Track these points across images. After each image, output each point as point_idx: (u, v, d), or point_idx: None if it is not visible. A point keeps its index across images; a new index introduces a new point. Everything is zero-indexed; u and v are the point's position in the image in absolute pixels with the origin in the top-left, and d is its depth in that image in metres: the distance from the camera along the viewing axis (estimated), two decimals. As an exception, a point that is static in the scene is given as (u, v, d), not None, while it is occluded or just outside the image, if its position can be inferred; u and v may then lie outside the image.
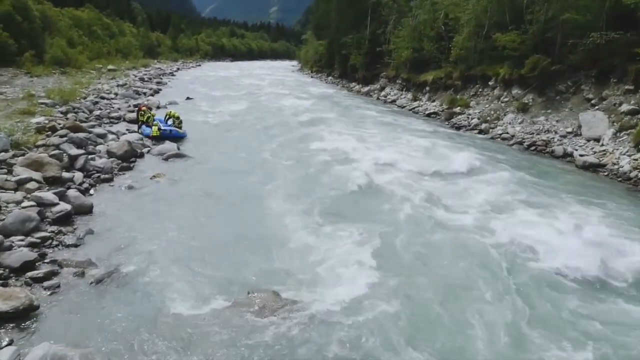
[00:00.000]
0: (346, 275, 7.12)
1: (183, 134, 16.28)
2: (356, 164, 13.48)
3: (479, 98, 24.09)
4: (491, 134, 19.97)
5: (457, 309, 6.35)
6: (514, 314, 6.22)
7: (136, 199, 9.97)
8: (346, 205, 10.24)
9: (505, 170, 13.68)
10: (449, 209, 10.13)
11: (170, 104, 25.66)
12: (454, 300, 6.61)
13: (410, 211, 9.87)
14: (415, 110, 27.46)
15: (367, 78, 38.97)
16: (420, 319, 6.12)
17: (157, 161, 13.16)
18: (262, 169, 12.98)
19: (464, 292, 6.82)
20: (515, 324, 6.02)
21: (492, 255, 7.81)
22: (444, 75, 27.40)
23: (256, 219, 9.26)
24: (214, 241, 8.18)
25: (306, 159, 14.32)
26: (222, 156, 14.36)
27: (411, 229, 8.95)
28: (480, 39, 24.93)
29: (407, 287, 6.90)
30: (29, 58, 31.92)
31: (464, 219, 9.44)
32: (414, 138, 18.23)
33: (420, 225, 9.15)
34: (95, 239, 7.94)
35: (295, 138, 17.50)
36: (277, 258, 7.66)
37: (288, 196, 10.52)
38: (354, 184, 11.49)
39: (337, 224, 9.03)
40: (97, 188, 10.38)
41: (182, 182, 11.32)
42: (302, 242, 8.19)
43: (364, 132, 19.32)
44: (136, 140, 14.35)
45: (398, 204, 10.39)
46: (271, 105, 27.91)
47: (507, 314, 6.21)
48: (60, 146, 11.23)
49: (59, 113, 16.02)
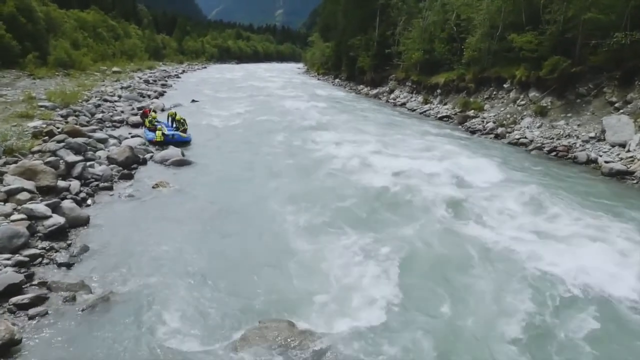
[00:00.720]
0: (367, 300, 6.37)
1: (187, 138, 15.59)
2: (371, 171, 12.71)
3: (494, 101, 23.27)
4: (508, 138, 19.12)
5: (492, 342, 5.57)
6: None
7: (136, 211, 9.26)
8: (363, 217, 9.48)
9: (527, 178, 12.89)
10: (473, 222, 9.33)
11: (175, 106, 25.03)
12: (485, 331, 5.84)
13: (431, 224, 9.11)
14: (426, 114, 26.67)
15: (376, 80, 38.19)
16: (451, 355, 5.37)
17: (159, 168, 12.46)
18: (271, 177, 12.24)
19: (502, 324, 6.03)
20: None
21: (530, 280, 7.00)
22: (456, 78, 26.59)
23: (266, 234, 8.52)
24: (219, 260, 7.44)
25: (318, 166, 13.57)
26: (228, 162, 13.64)
27: (434, 245, 8.18)
28: (494, 40, 24.13)
29: (434, 315, 6.14)
30: (33, 60, 31.47)
31: (493, 236, 8.62)
32: (428, 143, 17.46)
33: (444, 241, 8.37)
34: (89, 256, 7.23)
35: (304, 143, 16.76)
36: (290, 280, 6.91)
37: (300, 208, 9.77)
38: (370, 194, 10.73)
39: (354, 238, 8.27)
40: (95, 198, 9.68)
41: (185, 192, 10.60)
42: (318, 261, 7.44)
43: (375, 136, 18.54)
44: (138, 146, 13.68)
45: (419, 216, 9.63)
46: (278, 108, 27.20)
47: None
48: (57, 152, 10.55)
49: (58, 116, 15.39)
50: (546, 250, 7.88)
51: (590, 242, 8.42)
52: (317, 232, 8.59)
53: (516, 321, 5.98)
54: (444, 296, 6.55)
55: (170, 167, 12.52)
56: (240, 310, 6.07)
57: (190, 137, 15.73)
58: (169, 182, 11.04)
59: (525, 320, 6.00)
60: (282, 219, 9.20)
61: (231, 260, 7.50)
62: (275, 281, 6.85)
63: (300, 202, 10.10)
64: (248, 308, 6.13)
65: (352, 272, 7.06)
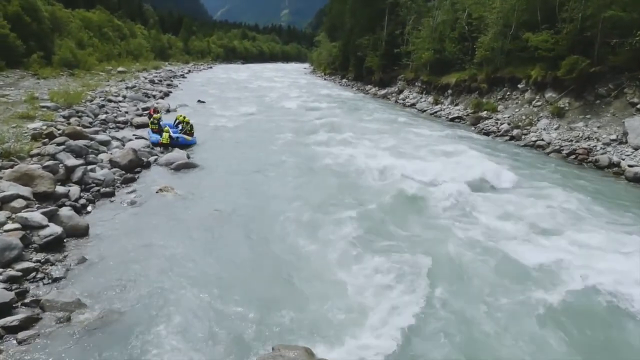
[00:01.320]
0: (389, 320, 5.81)
1: (192, 141, 15.04)
2: (388, 176, 12.12)
3: (508, 102, 22.61)
4: (524, 140, 18.47)
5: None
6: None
7: (139, 218, 8.72)
8: (382, 227, 8.88)
9: (548, 183, 12.26)
10: (498, 233, 8.71)
11: (181, 106, 24.57)
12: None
13: (453, 233, 8.51)
14: (437, 115, 26.02)
15: (384, 80, 37.55)
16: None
17: (164, 171, 11.92)
18: (281, 182, 11.68)
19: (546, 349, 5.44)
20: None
21: (568, 295, 6.40)
22: (468, 78, 25.93)
23: (278, 246, 7.95)
24: (227, 274, 6.88)
25: (330, 170, 12.99)
26: (235, 166, 13.08)
27: (461, 261, 7.54)
28: (508, 39, 23.45)
29: (460, 336, 5.56)
30: (37, 59, 31.08)
31: (522, 248, 7.99)
32: (442, 145, 16.83)
33: (471, 254, 7.74)
34: (87, 269, 6.69)
35: (314, 145, 16.18)
36: (305, 297, 6.34)
37: (313, 216, 9.19)
38: (388, 200, 10.12)
39: (373, 250, 7.69)
40: (96, 204, 9.15)
41: (191, 197, 10.05)
42: (334, 276, 6.87)
43: (387, 138, 17.95)
44: (142, 148, 13.16)
45: (438, 224, 9.05)
46: (285, 109, 26.66)
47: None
48: (57, 156, 10.03)
49: (60, 117, 14.90)
50: (583, 263, 7.26)
51: (622, 253, 7.82)
52: (333, 242, 8.01)
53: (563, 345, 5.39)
54: (475, 322, 5.95)
55: (175, 171, 11.98)
56: (251, 333, 5.52)
57: (195, 140, 15.20)
58: (174, 186, 10.50)
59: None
60: (295, 228, 8.63)
61: (240, 274, 6.94)
62: (289, 298, 6.29)
63: (313, 210, 9.53)
64: (260, 330, 5.57)
65: (373, 290, 6.49)
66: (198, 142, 15.38)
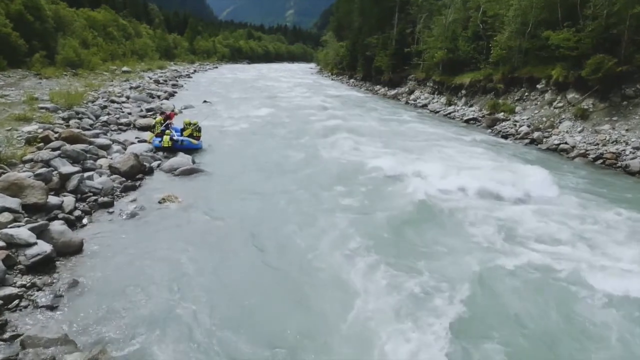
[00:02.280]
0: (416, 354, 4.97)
1: (198, 145, 14.22)
2: (407, 183, 11.23)
3: (526, 103, 21.67)
4: (546, 144, 17.53)
5: None
6: None
7: (139, 232, 7.91)
8: (404, 242, 8.03)
9: (580, 192, 11.39)
10: (530, 247, 7.82)
11: (186, 107, 23.82)
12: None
13: (482, 247, 7.68)
14: (451, 116, 25.10)
15: (394, 80, 36.62)
16: None
17: (167, 178, 11.10)
18: (293, 190, 10.83)
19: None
20: None
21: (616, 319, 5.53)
22: (483, 78, 25.00)
23: (291, 264, 7.11)
24: (236, 300, 6.05)
25: (343, 175, 12.14)
26: (244, 172, 12.24)
27: (489, 273, 6.71)
28: (526, 37, 22.51)
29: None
30: (40, 59, 30.46)
31: (556, 264, 7.12)
32: (459, 148, 15.99)
33: (509, 277, 6.87)
34: (79, 296, 5.89)
35: (327, 149, 15.33)
36: (323, 328, 5.49)
37: (329, 228, 8.35)
38: (410, 212, 9.26)
39: (396, 268, 6.83)
40: (93, 216, 8.35)
41: (196, 208, 9.23)
42: (354, 300, 6.02)
43: (401, 141, 17.10)
44: (145, 152, 12.37)
45: (466, 236, 8.20)
46: (293, 110, 25.83)
47: None
48: (51, 162, 9.24)
49: (59, 119, 14.16)
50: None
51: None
52: (353, 259, 7.17)
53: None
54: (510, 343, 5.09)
55: (179, 177, 11.16)
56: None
57: (201, 144, 14.38)
58: (178, 195, 9.68)
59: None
60: (308, 241, 7.79)
61: (250, 298, 6.10)
62: (304, 328, 5.45)
63: (329, 222, 8.69)
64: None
65: (394, 319, 5.63)
66: (204, 146, 14.57)
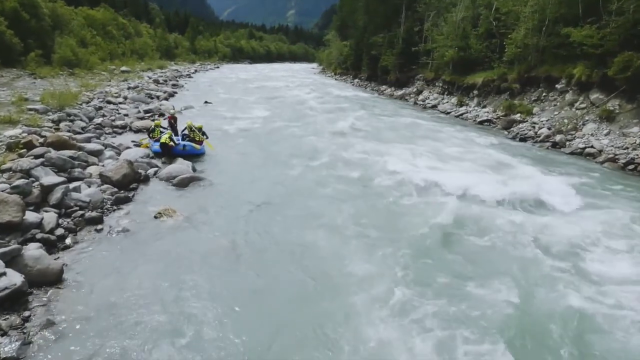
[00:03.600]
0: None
1: (200, 150, 13.14)
2: (427, 193, 10.17)
3: (544, 104, 20.55)
4: (570, 147, 16.41)
5: None
6: None
7: (130, 255, 6.82)
8: (429, 259, 6.96)
9: (614, 201, 10.32)
10: (572, 265, 6.78)
11: (186, 108, 22.78)
12: None
13: (522, 274, 6.62)
14: (463, 117, 23.98)
15: (401, 80, 35.48)
16: None
17: (165, 188, 10.00)
18: (304, 200, 9.75)
19: None
20: None
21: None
22: (497, 77, 23.87)
23: (309, 296, 6.03)
24: (243, 338, 4.97)
25: (356, 183, 11.07)
26: (249, 180, 11.16)
27: (535, 312, 5.63)
28: (543, 35, 21.41)
29: None
30: (35, 58, 29.42)
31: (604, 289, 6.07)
32: (479, 153, 14.93)
33: (546, 302, 5.81)
34: (53, 342, 4.82)
35: (336, 153, 14.26)
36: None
37: (348, 249, 7.27)
38: (433, 224, 8.20)
39: (420, 295, 5.79)
40: (78, 235, 7.27)
41: (196, 224, 8.14)
42: (372, 335, 4.95)
43: (415, 144, 16.03)
44: (140, 158, 11.31)
45: (501, 255, 7.22)
46: (298, 111, 24.76)
47: None
48: (32, 171, 8.17)
49: (48, 121, 13.09)
50: None
51: None
52: (371, 284, 6.10)
53: None
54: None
55: (177, 187, 10.05)
56: None
57: (203, 150, 13.30)
58: (176, 208, 8.61)
59: None
60: (325, 264, 6.72)
61: (260, 339, 5.02)
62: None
63: (346, 236, 7.62)
64: None
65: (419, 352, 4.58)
66: (207, 151, 13.48)
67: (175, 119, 15.49)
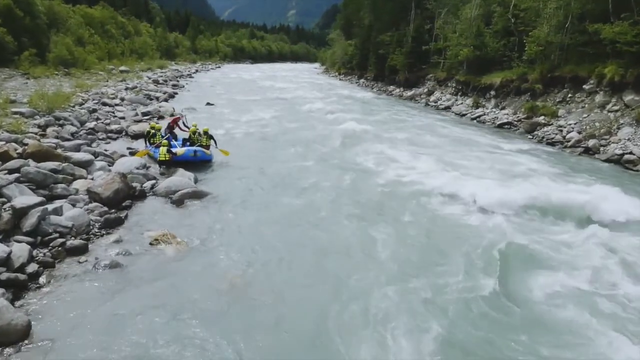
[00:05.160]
0: None
1: (210, 156, 11.83)
2: (461, 208, 8.87)
3: (570, 105, 19.18)
4: (605, 154, 15.03)
5: None
6: None
7: (119, 298, 5.49)
8: (475, 295, 5.63)
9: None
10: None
11: (187, 110, 21.40)
12: None
13: (585, 293, 5.29)
14: (481, 120, 22.61)
15: (410, 80, 34.06)
16: None
17: (163, 205, 8.65)
18: (323, 219, 8.42)
19: None
20: None
21: None
22: (517, 78, 22.49)
23: (326, 336, 4.69)
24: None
25: (379, 197, 9.75)
26: (259, 194, 9.79)
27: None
28: (568, 32, 20.05)
29: None
30: (29, 57, 28.12)
31: None
32: (509, 159, 13.69)
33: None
34: None
35: (350, 161, 12.95)
36: None
37: (376, 280, 5.93)
38: (474, 249, 6.94)
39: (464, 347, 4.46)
40: (55, 270, 5.94)
41: (199, 253, 6.79)
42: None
43: (436, 150, 14.73)
44: (136, 169, 9.97)
45: (562, 282, 5.91)
46: (305, 113, 23.42)
47: None
48: (4, 190, 6.83)
49: (34, 126, 11.77)
50: None
51: None
52: (400, 329, 4.77)
53: None
54: None
55: (178, 205, 8.70)
56: None
57: (212, 156, 11.98)
58: (176, 232, 7.27)
59: None
60: (350, 311, 5.38)
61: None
62: None
63: (378, 267, 6.27)
64: None
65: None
66: (215, 157, 12.16)
67: (178, 121, 13.74)
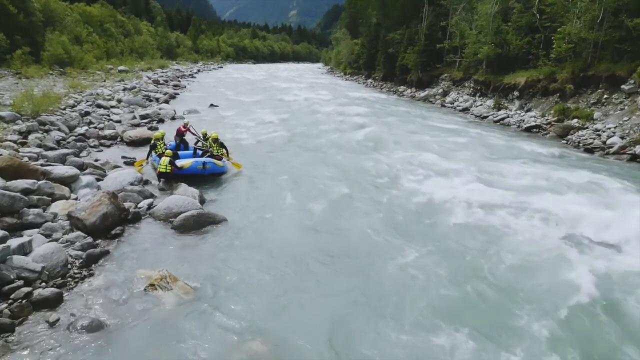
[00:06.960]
0: None
1: (223, 168, 10.27)
2: (503, 228, 7.33)
3: (607, 107, 17.58)
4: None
5: None
6: None
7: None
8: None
9: None
10: None
11: (190, 112, 19.89)
12: None
13: None
14: (504, 122, 21.00)
15: (423, 80, 32.44)
16: None
17: (162, 233, 7.04)
18: (354, 249, 6.86)
19: None
20: None
21: None
22: (544, 77, 20.91)
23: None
24: None
25: (419, 219, 8.16)
26: (279, 218, 8.12)
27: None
28: (603, 28, 18.47)
29: None
30: (22, 56, 26.56)
31: None
32: (553, 169, 12.05)
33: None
34: None
35: (370, 171, 11.38)
36: None
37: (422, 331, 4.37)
38: (516, 276, 5.33)
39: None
40: (15, 335, 4.37)
41: (209, 303, 5.22)
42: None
43: (458, 156, 13.19)
44: (131, 185, 8.40)
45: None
46: (315, 116, 21.82)
47: None
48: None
49: (14, 133, 10.19)
50: None
51: None
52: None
53: None
54: None
55: (180, 231, 7.10)
56: None
57: (226, 168, 10.41)
58: (177, 271, 5.71)
59: None
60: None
61: None
62: None
63: (423, 315, 4.71)
64: None
65: None
66: (228, 169, 10.60)
67: (187, 129, 12.27)
